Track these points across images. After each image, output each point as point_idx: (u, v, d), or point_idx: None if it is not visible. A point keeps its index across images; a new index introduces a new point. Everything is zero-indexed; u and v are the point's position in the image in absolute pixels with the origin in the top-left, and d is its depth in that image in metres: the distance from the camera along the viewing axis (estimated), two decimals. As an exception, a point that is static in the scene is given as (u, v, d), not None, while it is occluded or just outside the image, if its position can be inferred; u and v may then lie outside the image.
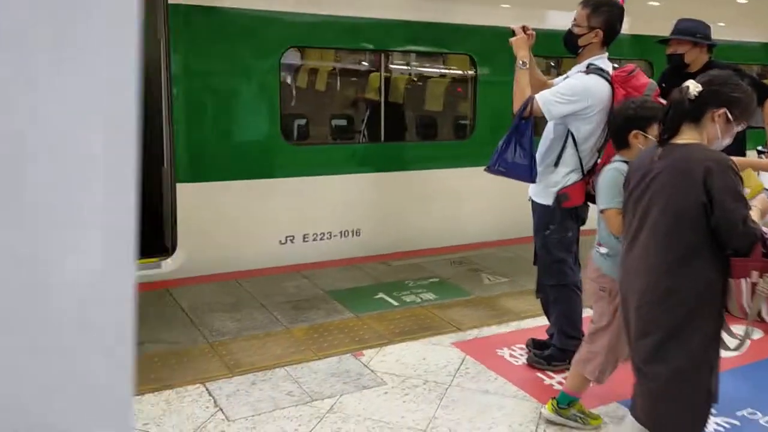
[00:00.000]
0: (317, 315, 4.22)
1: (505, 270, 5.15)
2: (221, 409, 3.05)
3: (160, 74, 4.72)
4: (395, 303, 4.49)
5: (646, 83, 3.26)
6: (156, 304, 4.32)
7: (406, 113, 6.27)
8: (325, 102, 6.37)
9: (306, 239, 5.28)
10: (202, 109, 4.84)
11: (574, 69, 3.37)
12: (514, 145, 3.34)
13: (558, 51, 3.64)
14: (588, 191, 3.41)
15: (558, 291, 3.53)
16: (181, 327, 3.97)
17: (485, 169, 3.43)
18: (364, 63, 6.15)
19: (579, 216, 3.46)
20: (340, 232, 5.42)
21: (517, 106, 3.32)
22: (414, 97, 6.46)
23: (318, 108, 6.21)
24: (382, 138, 5.72)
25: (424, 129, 6.42)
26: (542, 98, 3.25)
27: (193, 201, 4.78)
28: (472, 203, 5.79)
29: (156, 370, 3.40)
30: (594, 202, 3.26)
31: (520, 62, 3.28)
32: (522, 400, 3.28)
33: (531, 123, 3.34)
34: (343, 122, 6.22)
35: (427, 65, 6.60)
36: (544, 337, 3.72)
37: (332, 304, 4.43)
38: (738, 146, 3.81)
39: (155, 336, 3.82)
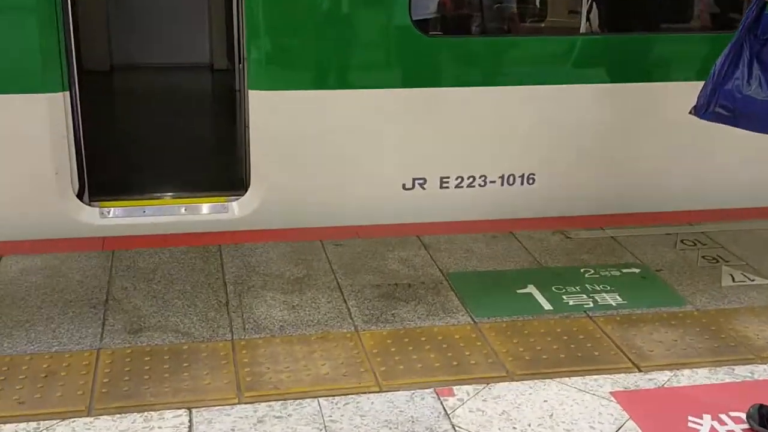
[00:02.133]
0: (412, 314, 3.81)
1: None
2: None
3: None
4: (548, 306, 3.91)
5: None
6: (192, 268, 4.22)
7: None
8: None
9: (445, 184, 4.86)
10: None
11: None
12: (748, 62, 2.43)
13: None
14: None
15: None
16: (208, 308, 3.80)
17: (693, 111, 2.60)
18: None
19: None
20: (502, 178, 4.94)
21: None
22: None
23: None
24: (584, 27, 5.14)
25: (663, 14, 5.49)
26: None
27: (275, 118, 4.58)
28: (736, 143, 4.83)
29: (136, 377, 3.21)
30: None
31: None
32: None
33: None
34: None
35: None
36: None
37: (446, 296, 3.98)
38: None
39: (164, 320, 3.68)
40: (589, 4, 5.29)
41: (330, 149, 4.68)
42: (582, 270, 4.28)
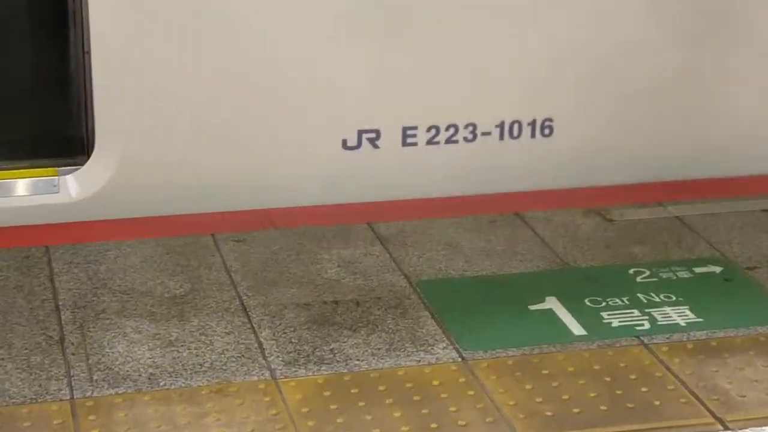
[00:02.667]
0: (363, 348, 3.83)
1: None
2: None
3: None
4: (579, 330, 3.96)
5: None
6: (2, 285, 4.17)
7: None
8: None
9: (410, 139, 4.96)
10: None
11: None
12: None
13: None
14: None
15: None
16: (31, 349, 3.76)
17: None
18: None
19: None
20: (500, 127, 5.00)
21: None
22: None
23: None
24: None
25: None
26: None
27: (134, 36, 4.60)
28: None
29: None
30: None
31: None
32: None
33: None
34: None
35: None
36: None
37: (416, 318, 4.03)
38: None
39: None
40: None
41: (225, 86, 4.67)
42: (632, 271, 4.33)
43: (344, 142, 4.86)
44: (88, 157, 4.69)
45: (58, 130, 5.25)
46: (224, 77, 4.70)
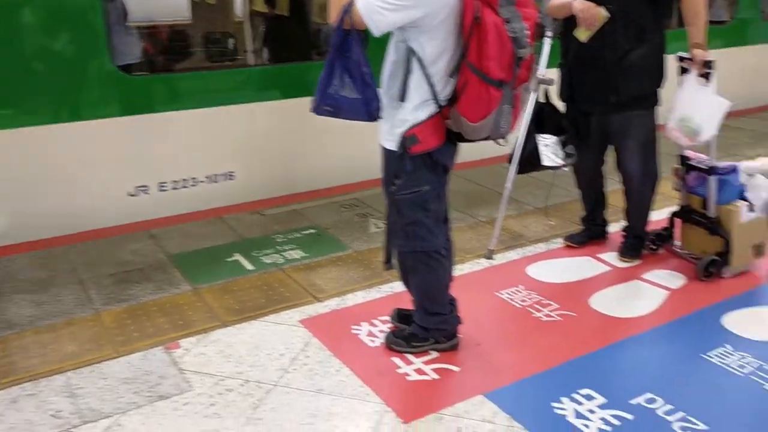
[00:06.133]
0: (143, 290, 3.53)
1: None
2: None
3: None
4: (251, 267, 3.81)
5: None
6: None
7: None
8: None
9: (163, 188, 4.45)
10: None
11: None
12: (339, 72, 2.50)
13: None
14: (449, 128, 2.60)
15: (414, 259, 2.80)
16: None
17: (311, 110, 2.62)
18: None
19: (438, 164, 2.67)
20: (208, 177, 4.64)
21: (334, 16, 2.46)
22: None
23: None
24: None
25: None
26: (364, 4, 2.39)
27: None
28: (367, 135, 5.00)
29: None
30: (461, 140, 2.62)
31: None
32: (361, 402, 2.61)
33: (358, 39, 2.48)
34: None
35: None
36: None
37: (171, 273, 3.74)
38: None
39: None
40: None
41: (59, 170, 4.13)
42: (274, 237, 4.22)
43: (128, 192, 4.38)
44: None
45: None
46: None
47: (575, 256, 3.94)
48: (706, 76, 3.36)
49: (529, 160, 3.58)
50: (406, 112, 2.58)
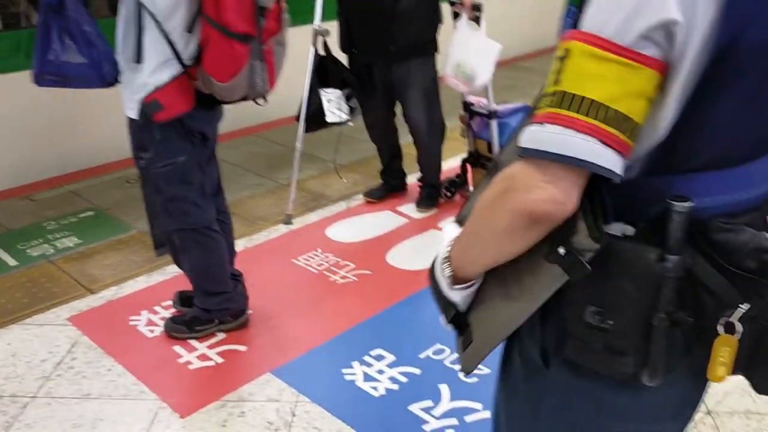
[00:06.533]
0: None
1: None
2: None
3: None
4: (14, 262, 3.37)
5: None
6: None
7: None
8: None
9: None
10: None
11: None
12: (57, 34, 2.14)
13: None
14: (198, 89, 2.33)
15: (182, 237, 2.55)
16: None
17: (33, 81, 2.23)
18: None
19: (193, 131, 2.40)
20: None
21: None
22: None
23: None
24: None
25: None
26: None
27: None
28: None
29: None
30: (216, 102, 2.39)
31: None
32: (134, 402, 2.36)
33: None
34: None
35: None
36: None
37: None
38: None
39: None
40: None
41: None
42: (44, 224, 3.76)
43: None
44: None
45: None
46: None
47: (375, 211, 3.90)
48: (476, 20, 3.34)
49: (315, 118, 3.44)
50: (144, 75, 2.29)
